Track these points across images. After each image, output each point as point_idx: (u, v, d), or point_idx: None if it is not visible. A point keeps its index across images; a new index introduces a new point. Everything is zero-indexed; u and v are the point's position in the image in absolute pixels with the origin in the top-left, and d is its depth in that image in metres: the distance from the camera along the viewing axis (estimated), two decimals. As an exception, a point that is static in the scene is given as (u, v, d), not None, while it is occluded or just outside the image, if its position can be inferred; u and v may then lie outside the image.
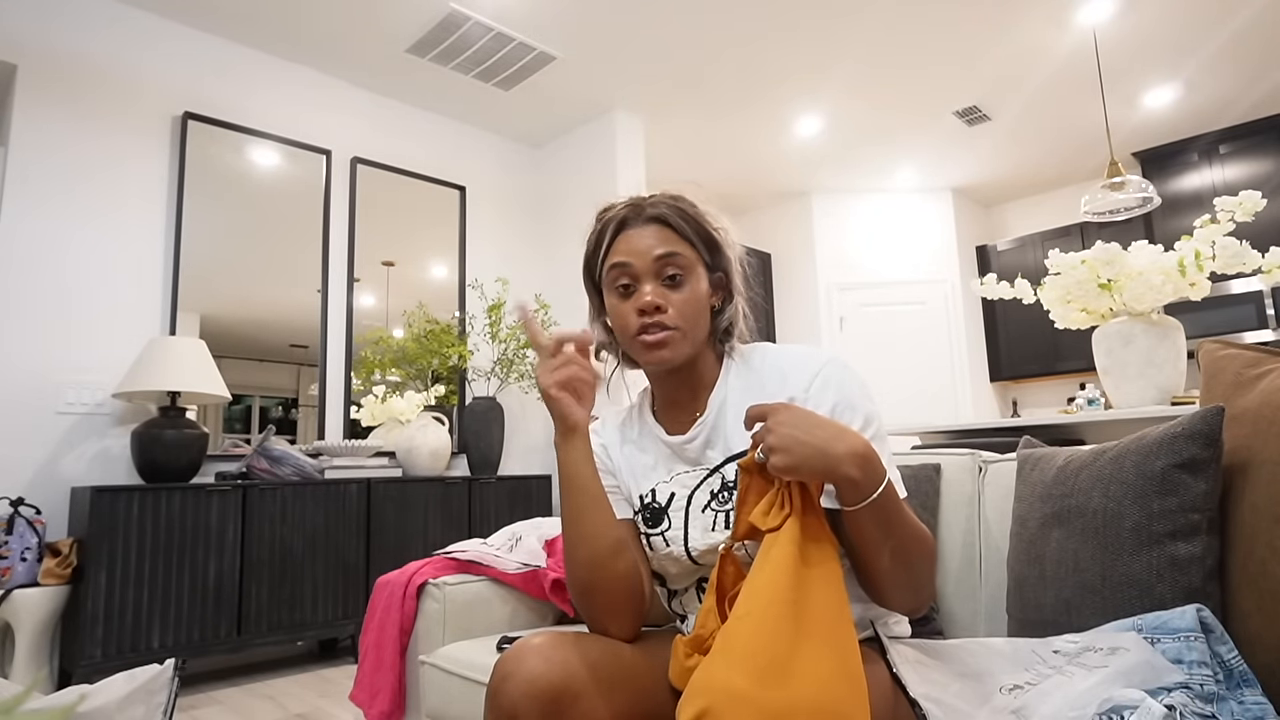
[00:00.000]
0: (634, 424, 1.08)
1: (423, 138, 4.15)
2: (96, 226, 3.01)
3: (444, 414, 3.70)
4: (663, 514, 0.99)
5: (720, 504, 0.94)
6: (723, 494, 0.94)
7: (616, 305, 0.98)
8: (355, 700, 1.53)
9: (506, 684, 0.82)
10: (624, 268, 0.97)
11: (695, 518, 0.96)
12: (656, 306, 0.94)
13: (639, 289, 0.96)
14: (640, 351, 0.97)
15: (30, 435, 2.78)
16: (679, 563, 0.97)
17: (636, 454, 1.05)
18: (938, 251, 5.73)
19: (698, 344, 0.98)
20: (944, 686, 0.83)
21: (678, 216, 0.97)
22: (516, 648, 0.85)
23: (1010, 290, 2.68)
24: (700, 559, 0.95)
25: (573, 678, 0.82)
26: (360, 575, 3.05)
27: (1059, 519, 1.00)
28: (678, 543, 0.96)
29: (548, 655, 0.83)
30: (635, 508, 1.02)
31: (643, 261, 0.96)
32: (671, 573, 1.00)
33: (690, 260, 0.97)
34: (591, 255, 1.03)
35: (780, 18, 3.46)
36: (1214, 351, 1.02)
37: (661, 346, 0.94)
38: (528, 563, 1.58)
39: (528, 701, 0.80)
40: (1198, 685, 0.74)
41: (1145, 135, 4.86)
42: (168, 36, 3.29)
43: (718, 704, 0.65)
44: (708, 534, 0.94)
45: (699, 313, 0.96)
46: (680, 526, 0.96)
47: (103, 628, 2.45)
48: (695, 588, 0.99)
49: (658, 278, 0.96)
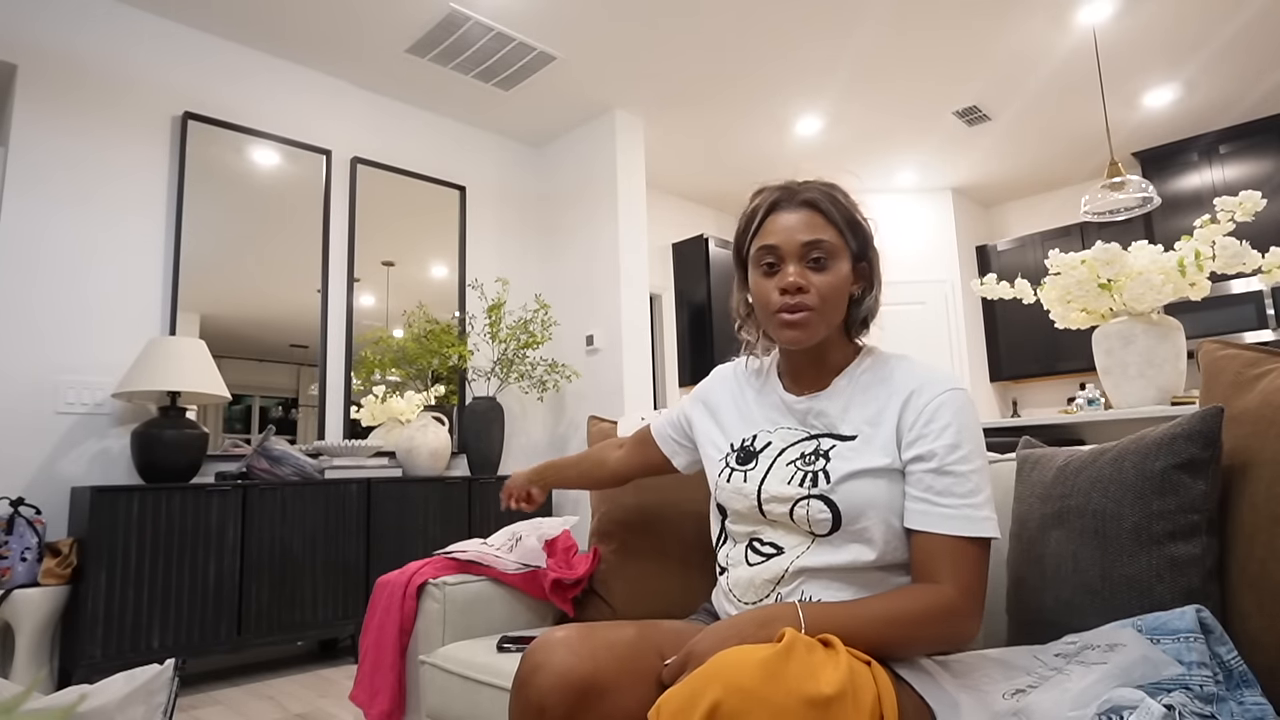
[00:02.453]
0: (763, 377, 1.13)
1: (423, 138, 4.15)
2: (96, 226, 3.01)
3: (444, 414, 3.70)
4: (754, 456, 1.04)
5: (806, 464, 0.98)
6: (812, 457, 0.98)
7: (760, 282, 1.01)
8: (355, 700, 1.53)
9: (536, 676, 0.82)
10: (771, 249, 1.00)
11: (779, 468, 1.00)
12: (799, 287, 0.97)
13: (783, 269, 0.99)
14: (777, 329, 1.00)
15: (30, 435, 2.78)
16: (747, 500, 1.01)
17: (751, 397, 1.12)
18: (938, 251, 5.73)
19: (832, 328, 1.02)
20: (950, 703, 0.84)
21: (829, 202, 1.00)
22: (544, 639, 0.86)
23: (1010, 290, 2.68)
24: (766, 505, 0.99)
25: (601, 670, 0.82)
26: (360, 575, 3.05)
27: (1058, 519, 1.00)
28: (755, 482, 1.01)
29: (576, 648, 0.83)
30: (728, 448, 1.08)
31: (790, 244, 0.99)
32: (735, 508, 1.03)
33: (836, 246, 0.99)
34: (742, 233, 1.06)
35: (781, 18, 3.46)
36: (1214, 351, 1.02)
37: (798, 327, 0.98)
38: (527, 563, 1.58)
39: (556, 695, 0.80)
40: (1197, 686, 0.74)
41: (1145, 135, 4.86)
42: (168, 36, 3.29)
43: (730, 700, 0.67)
44: (784, 485, 0.97)
45: (838, 297, 1.00)
46: (764, 469, 1.01)
47: (103, 628, 2.45)
48: (747, 545, 1.02)
49: (802, 260, 0.98)
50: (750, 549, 1.01)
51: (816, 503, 0.94)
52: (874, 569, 0.94)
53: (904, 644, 0.86)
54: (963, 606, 0.87)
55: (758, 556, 0.99)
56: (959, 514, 0.89)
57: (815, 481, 0.95)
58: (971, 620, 0.88)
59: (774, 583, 0.97)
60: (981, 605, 0.89)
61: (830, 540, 0.94)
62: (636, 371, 4.14)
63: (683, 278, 5.51)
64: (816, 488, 0.94)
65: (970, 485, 0.90)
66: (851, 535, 0.93)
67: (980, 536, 0.89)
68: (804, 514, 0.94)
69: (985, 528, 0.89)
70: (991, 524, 0.90)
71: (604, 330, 4.16)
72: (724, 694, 0.67)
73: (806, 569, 0.95)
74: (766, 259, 1.00)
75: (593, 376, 4.23)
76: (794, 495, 0.96)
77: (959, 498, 0.90)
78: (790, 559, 0.96)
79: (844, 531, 0.93)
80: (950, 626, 0.87)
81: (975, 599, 0.88)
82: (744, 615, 0.87)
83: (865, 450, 0.95)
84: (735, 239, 1.08)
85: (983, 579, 0.89)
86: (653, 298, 5.46)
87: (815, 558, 0.95)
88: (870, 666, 0.79)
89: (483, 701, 1.25)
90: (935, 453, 0.91)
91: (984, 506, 0.90)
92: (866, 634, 0.83)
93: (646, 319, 4.29)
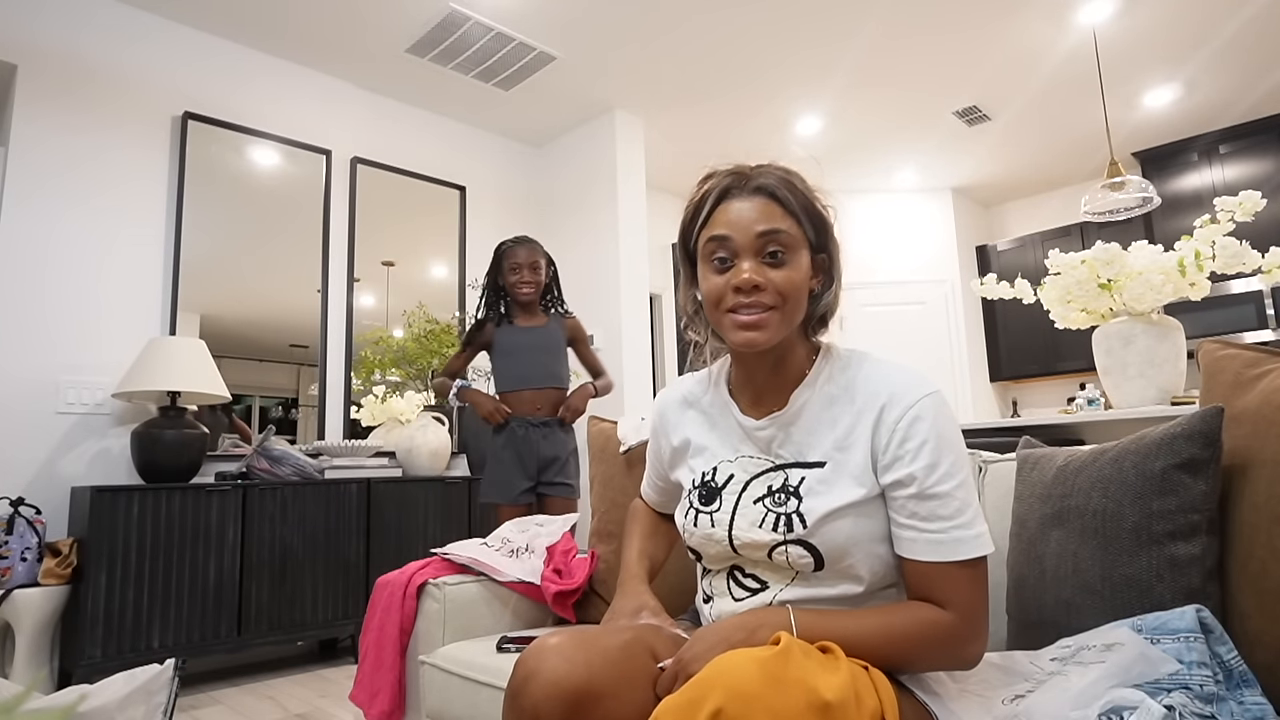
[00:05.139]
0: (708, 391, 1.04)
1: (423, 138, 4.15)
2: (96, 226, 3.01)
3: (444, 414, 3.70)
4: (717, 494, 0.96)
5: (775, 504, 0.90)
6: (780, 495, 0.91)
7: (711, 279, 0.92)
8: (355, 700, 1.53)
9: (529, 684, 0.80)
10: (722, 241, 0.90)
11: (746, 507, 0.93)
12: (755, 285, 0.88)
13: (737, 265, 0.90)
14: (730, 330, 0.90)
15: (30, 435, 2.78)
16: (719, 545, 0.95)
17: (703, 425, 1.02)
18: (938, 251, 5.73)
19: (792, 328, 0.93)
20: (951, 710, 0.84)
21: (785, 189, 0.91)
22: (536, 647, 0.84)
23: (1010, 290, 2.68)
24: (740, 550, 0.93)
25: (595, 678, 0.80)
26: (360, 575, 3.05)
27: (1058, 519, 1.00)
28: (723, 526, 0.94)
29: (570, 655, 0.81)
30: (691, 484, 1.00)
31: (744, 236, 0.89)
32: (709, 553, 0.97)
33: (795, 237, 0.90)
34: (689, 224, 0.96)
35: (781, 18, 3.46)
36: (1214, 351, 1.02)
37: (754, 328, 0.88)
38: (525, 579, 1.57)
39: (550, 703, 0.78)
40: (1197, 686, 0.74)
41: (1145, 135, 4.86)
42: (168, 36, 3.29)
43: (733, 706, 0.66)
44: (754, 528, 0.91)
45: (799, 294, 0.90)
46: (729, 509, 0.94)
47: (103, 628, 2.45)
48: (728, 574, 0.97)
49: (758, 254, 0.89)
50: (732, 580, 0.96)
51: (796, 548, 0.88)
52: (866, 595, 0.90)
53: (902, 662, 0.83)
54: (964, 630, 0.83)
55: (742, 591, 0.95)
56: (948, 537, 0.84)
57: (790, 525, 0.88)
58: (975, 643, 0.84)
59: None
60: (985, 625, 0.85)
61: (817, 576, 0.90)
62: (636, 371, 4.14)
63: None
64: (793, 532, 0.88)
65: (955, 504, 0.84)
66: (837, 573, 0.89)
67: (973, 558, 0.84)
68: (783, 559, 0.89)
69: (976, 547, 0.84)
70: (983, 541, 0.84)
71: (604, 330, 4.16)
72: (726, 699, 0.66)
73: (794, 601, 0.90)
74: (718, 253, 0.91)
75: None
76: (769, 541, 0.90)
77: (945, 520, 0.84)
78: (774, 593, 0.92)
79: (829, 570, 0.89)
80: (952, 649, 0.84)
81: (977, 621, 0.84)
82: (728, 621, 0.84)
83: (838, 481, 0.89)
84: (681, 229, 0.98)
85: (983, 597, 0.85)
86: (653, 298, 5.46)
87: (801, 591, 0.91)
88: (869, 672, 0.77)
89: (482, 702, 1.25)
90: (915, 476, 0.85)
91: (973, 524, 0.85)
92: (863, 649, 0.81)
93: (646, 319, 4.29)
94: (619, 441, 1.64)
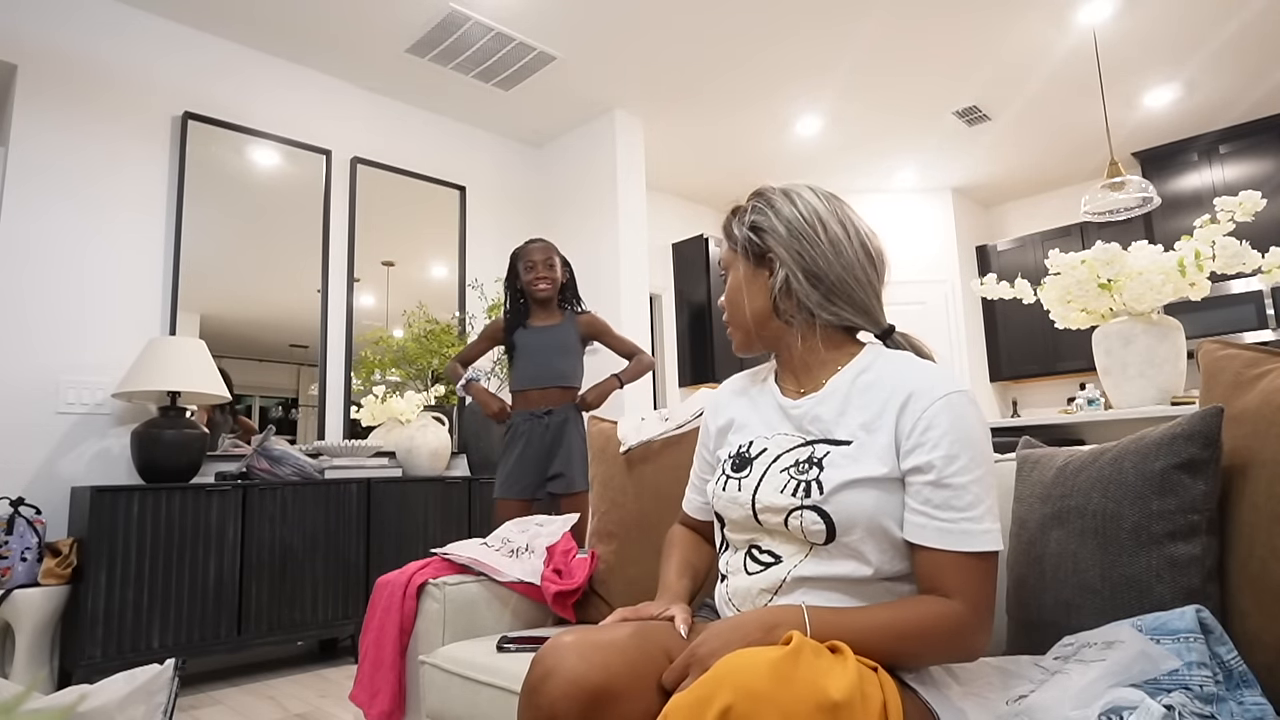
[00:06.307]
0: (758, 383, 1.15)
1: (423, 138, 4.15)
2: (97, 226, 3.01)
3: (444, 414, 3.70)
4: (749, 463, 1.03)
5: (799, 472, 0.96)
6: (805, 465, 0.96)
7: None
8: (355, 700, 1.53)
9: (547, 683, 0.81)
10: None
11: (773, 475, 0.98)
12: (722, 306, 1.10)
13: None
14: None
15: (30, 435, 2.78)
16: (742, 510, 1.00)
17: (750, 409, 1.12)
18: (938, 252, 5.73)
19: (754, 329, 1.06)
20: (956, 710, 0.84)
21: (732, 224, 1.08)
22: (554, 645, 0.85)
23: (1010, 290, 2.68)
24: (761, 515, 0.97)
25: (613, 678, 0.81)
26: (360, 575, 3.05)
27: (1058, 520, 1.00)
28: (749, 490, 0.99)
29: (587, 655, 0.82)
30: (727, 454, 1.08)
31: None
32: (732, 517, 1.02)
33: (730, 258, 1.09)
34: None
35: (780, 18, 3.46)
36: (1214, 351, 1.02)
37: (730, 336, 1.09)
38: (525, 579, 1.57)
39: (567, 702, 0.79)
40: (1197, 686, 0.74)
41: (1145, 135, 4.86)
42: (168, 37, 3.29)
43: (742, 704, 0.66)
44: (777, 494, 0.96)
45: (738, 297, 1.06)
46: (757, 477, 1.00)
47: (103, 628, 2.45)
48: (746, 552, 1.01)
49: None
50: (749, 556, 1.00)
51: (810, 514, 0.92)
52: (874, 580, 0.92)
53: (911, 656, 0.85)
54: (971, 621, 0.85)
55: (756, 565, 0.98)
56: (957, 528, 0.87)
57: (808, 491, 0.93)
58: (981, 634, 0.86)
59: (772, 592, 0.95)
60: (991, 618, 0.87)
61: (827, 550, 0.93)
62: (636, 371, 4.13)
63: (683, 278, 5.51)
64: (809, 498, 0.92)
65: (970, 497, 0.87)
66: (845, 549, 0.92)
67: (981, 551, 0.87)
68: (798, 524, 0.93)
69: (985, 541, 0.87)
70: (992, 536, 0.87)
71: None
72: (735, 697, 0.67)
73: (805, 578, 0.93)
74: None
75: (593, 377, 4.20)
76: (787, 505, 0.94)
77: (958, 511, 0.87)
78: (788, 568, 0.95)
79: (838, 544, 0.92)
80: (959, 640, 0.86)
81: (984, 612, 0.86)
82: (747, 615, 0.85)
83: (861, 457, 0.93)
84: None
85: (990, 591, 0.87)
86: (653, 298, 5.46)
87: (813, 567, 0.93)
88: (877, 673, 0.78)
89: (482, 702, 1.25)
90: (933, 464, 0.89)
91: (984, 519, 0.87)
92: (873, 644, 0.83)
93: (646, 319, 4.29)
94: (619, 442, 1.64)
